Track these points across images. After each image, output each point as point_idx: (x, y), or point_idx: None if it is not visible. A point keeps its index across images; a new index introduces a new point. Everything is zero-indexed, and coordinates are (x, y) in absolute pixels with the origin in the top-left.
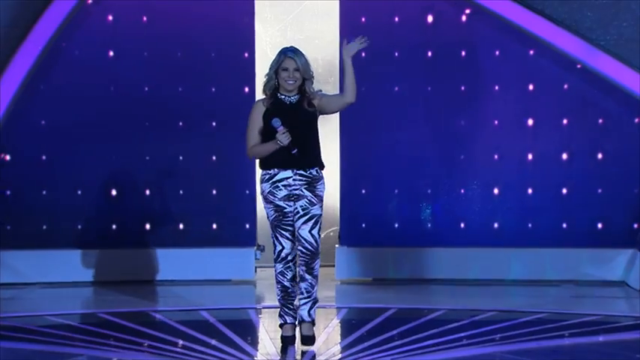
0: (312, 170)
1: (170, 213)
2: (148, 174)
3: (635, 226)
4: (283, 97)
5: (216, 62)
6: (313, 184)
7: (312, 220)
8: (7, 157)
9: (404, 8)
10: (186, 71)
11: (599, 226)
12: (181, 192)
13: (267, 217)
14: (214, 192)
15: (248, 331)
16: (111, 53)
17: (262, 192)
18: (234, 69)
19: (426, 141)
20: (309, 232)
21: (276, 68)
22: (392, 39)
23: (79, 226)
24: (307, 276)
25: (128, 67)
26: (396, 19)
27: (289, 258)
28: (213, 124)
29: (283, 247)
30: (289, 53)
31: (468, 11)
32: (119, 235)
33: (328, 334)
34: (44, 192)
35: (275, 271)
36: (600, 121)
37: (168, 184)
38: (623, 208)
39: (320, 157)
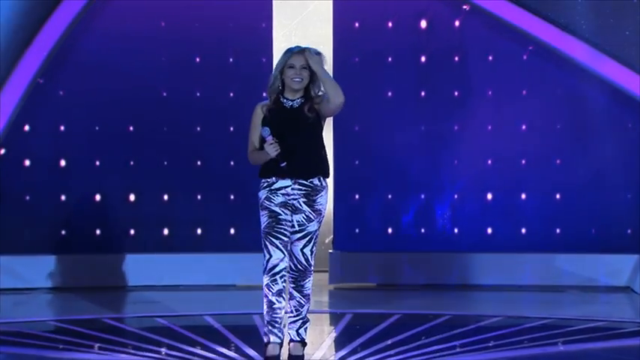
0: (313, 179)
1: (188, 218)
2: (166, 179)
3: (629, 231)
4: (285, 100)
5: (234, 67)
6: (313, 195)
7: (306, 238)
8: (27, 162)
9: (398, 13)
10: (204, 76)
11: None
12: (199, 197)
13: (261, 226)
14: (232, 197)
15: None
16: (129, 58)
17: (259, 199)
18: (252, 74)
19: (420, 146)
20: (301, 249)
21: (282, 67)
22: (385, 44)
23: (97, 231)
24: (296, 294)
25: (146, 72)
26: (390, 24)
27: (276, 270)
28: (231, 128)
29: (271, 256)
30: (296, 49)
31: (465, 7)
32: (137, 240)
33: (333, 340)
34: (63, 197)
35: (262, 282)
36: (599, 124)
37: (186, 189)
38: (620, 213)
39: (324, 164)
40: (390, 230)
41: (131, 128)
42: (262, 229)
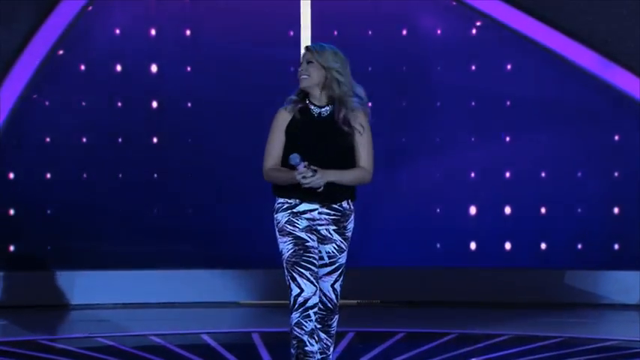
0: (343, 202)
1: (218, 232)
2: (192, 192)
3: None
4: (312, 107)
5: (261, 77)
6: (343, 221)
7: (337, 272)
8: (48, 176)
9: (378, 22)
10: (233, 85)
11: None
12: (229, 211)
13: (282, 254)
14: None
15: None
16: (154, 68)
17: (278, 223)
18: (280, 85)
19: (402, 157)
20: (332, 285)
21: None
22: (366, 53)
23: (121, 247)
24: (322, 335)
25: (171, 81)
26: (370, 32)
27: (309, 304)
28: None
29: (302, 290)
30: (309, 46)
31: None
32: (162, 255)
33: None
34: (85, 211)
35: (290, 322)
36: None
37: (217, 203)
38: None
39: (354, 185)
40: (379, 243)
41: (155, 140)
42: (286, 259)
